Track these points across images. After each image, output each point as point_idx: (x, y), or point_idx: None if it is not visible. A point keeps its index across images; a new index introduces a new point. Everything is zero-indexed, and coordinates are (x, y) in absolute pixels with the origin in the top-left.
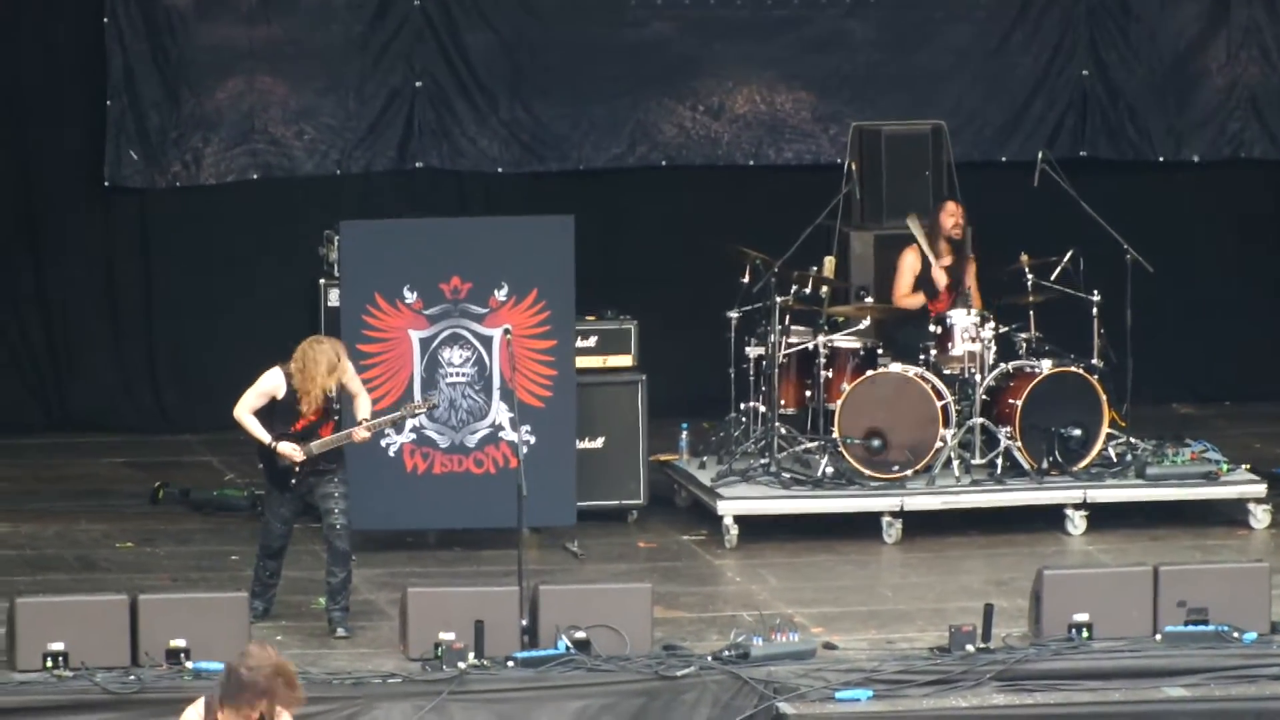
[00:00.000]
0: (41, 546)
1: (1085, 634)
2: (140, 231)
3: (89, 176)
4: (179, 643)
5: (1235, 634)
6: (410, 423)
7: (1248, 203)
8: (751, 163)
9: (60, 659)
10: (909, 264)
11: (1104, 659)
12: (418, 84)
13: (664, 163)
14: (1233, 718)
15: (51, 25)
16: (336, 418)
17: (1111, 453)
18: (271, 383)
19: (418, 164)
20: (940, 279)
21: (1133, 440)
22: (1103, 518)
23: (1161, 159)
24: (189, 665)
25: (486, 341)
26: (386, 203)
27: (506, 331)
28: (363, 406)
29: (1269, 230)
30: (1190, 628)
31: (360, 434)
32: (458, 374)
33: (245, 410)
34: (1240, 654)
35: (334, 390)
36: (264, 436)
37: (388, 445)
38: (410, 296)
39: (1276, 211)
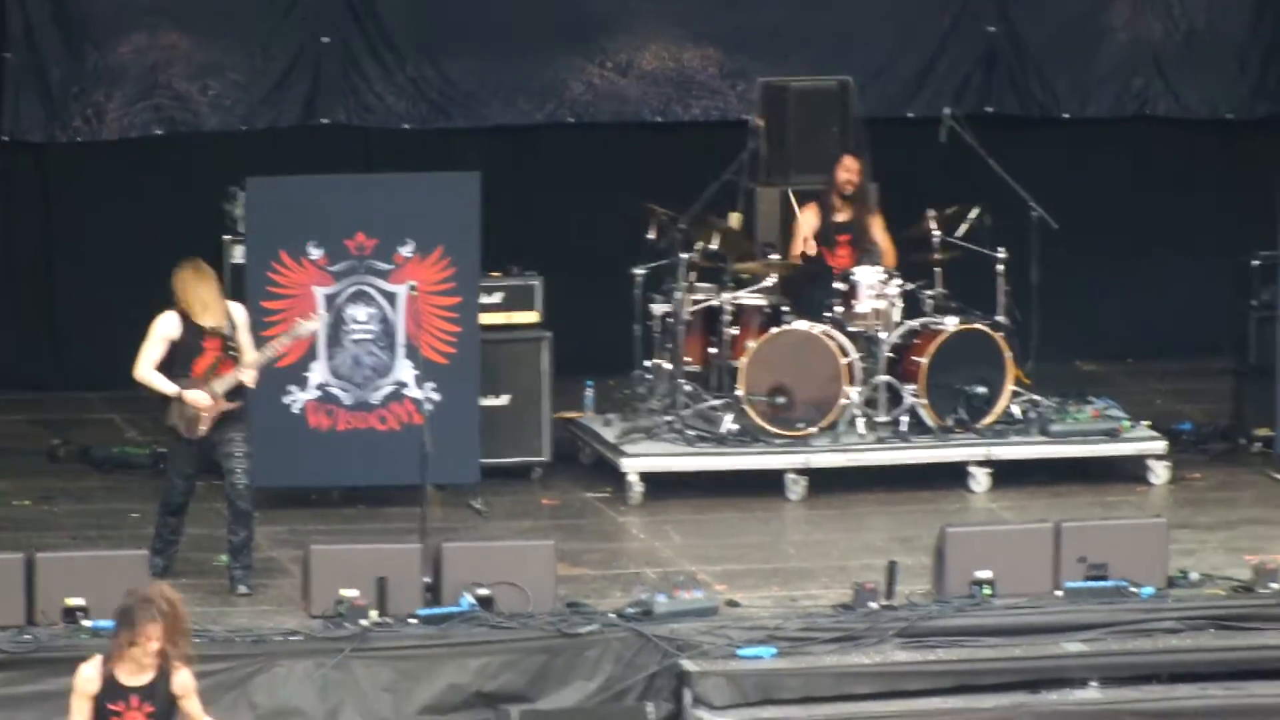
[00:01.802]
0: None
1: (987, 591)
2: (41, 187)
3: None
4: (76, 601)
5: (1134, 589)
6: (314, 379)
7: (1152, 160)
8: (659, 119)
9: None
10: (807, 220)
11: (1005, 615)
12: (324, 40)
13: (571, 120)
14: (1129, 671)
15: None
16: (233, 355)
17: (1015, 410)
18: (165, 326)
19: (324, 120)
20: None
21: (1036, 398)
22: (1006, 475)
23: (1067, 115)
24: (86, 624)
25: (391, 298)
26: (292, 159)
27: (411, 288)
28: (248, 358)
29: (1173, 188)
30: (1090, 583)
31: (247, 375)
32: (362, 330)
33: (147, 366)
34: (1138, 609)
35: (226, 322)
36: (169, 388)
37: (291, 403)
38: (315, 253)
39: (1180, 169)
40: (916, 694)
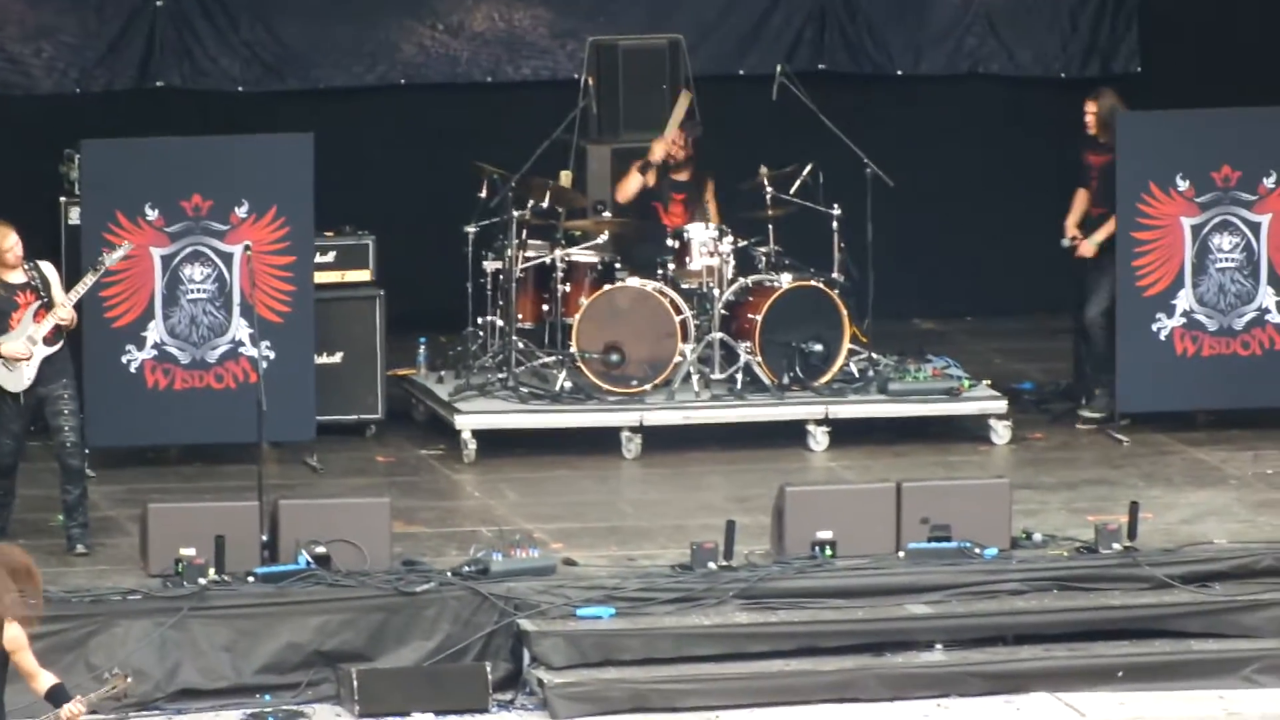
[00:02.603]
0: None
1: (829, 551)
2: None
3: None
4: None
5: (977, 550)
6: (151, 338)
7: (986, 118)
8: (490, 79)
9: None
10: (636, 177)
11: (848, 577)
12: (158, 3)
13: (403, 81)
14: (973, 633)
15: None
16: (45, 304)
17: (853, 368)
18: None
19: (159, 83)
20: (658, 151)
21: (874, 356)
22: (845, 434)
23: (900, 73)
24: None
25: (227, 258)
26: (128, 121)
27: (246, 248)
28: (59, 298)
29: (1007, 145)
30: (933, 544)
31: (63, 312)
32: (199, 290)
33: None
34: (982, 570)
35: (34, 276)
36: None
37: (129, 362)
38: (152, 214)
39: (1014, 127)
40: (759, 656)
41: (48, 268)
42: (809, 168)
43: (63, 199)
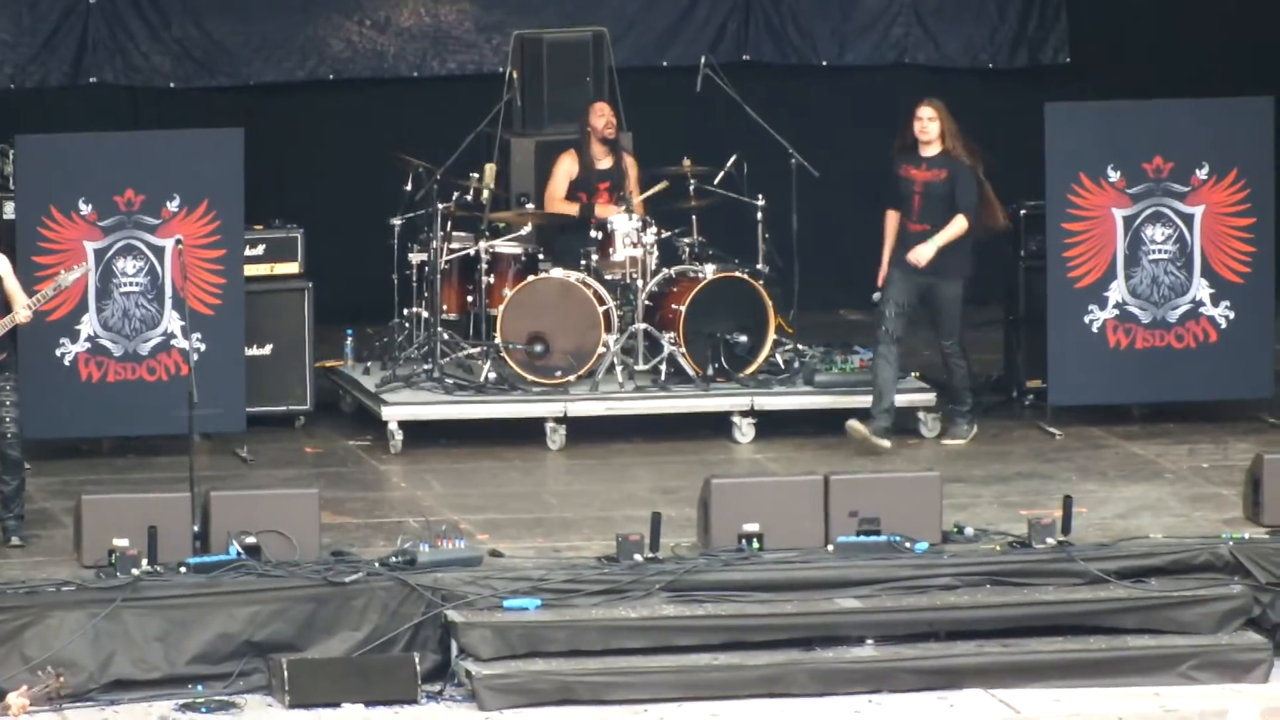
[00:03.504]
0: None
1: (756, 544)
2: None
3: None
4: None
5: (907, 544)
6: (84, 331)
7: (912, 107)
8: (416, 74)
9: None
10: (564, 169)
11: (775, 570)
12: (91, 0)
13: (331, 76)
14: (905, 628)
15: None
16: None
17: (779, 359)
18: None
19: (92, 79)
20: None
21: (800, 347)
22: (771, 426)
23: (825, 63)
24: None
25: (159, 252)
26: (62, 117)
27: (178, 242)
28: (20, 302)
29: None
30: (862, 538)
31: (23, 314)
32: (131, 283)
33: None
34: (912, 564)
35: None
36: None
37: (63, 355)
38: (85, 209)
39: None
40: (687, 649)
41: (1, 261)
42: (733, 159)
43: None
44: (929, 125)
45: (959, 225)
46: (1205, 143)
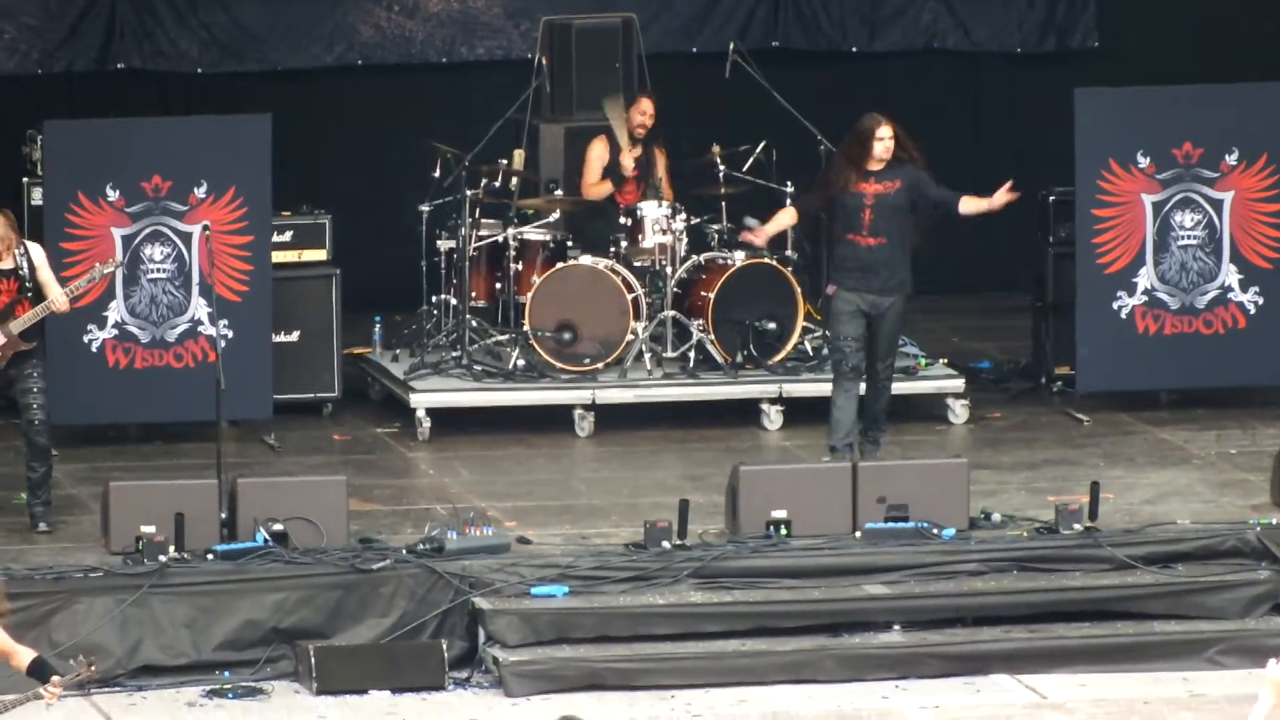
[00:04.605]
0: None
1: (784, 531)
2: None
3: None
4: None
5: (935, 530)
6: (112, 317)
7: (941, 94)
8: (445, 60)
9: None
10: (596, 154)
11: (803, 557)
12: None
13: (360, 62)
14: (932, 614)
15: None
16: (29, 295)
17: (808, 346)
18: None
19: (119, 65)
20: (628, 165)
21: (829, 334)
22: (799, 412)
23: (855, 50)
24: None
25: (186, 238)
26: (89, 103)
27: (205, 228)
28: (55, 292)
29: (961, 121)
30: (890, 525)
31: (60, 304)
32: (158, 270)
33: None
34: (939, 550)
35: (23, 263)
36: None
37: (90, 341)
38: (112, 195)
39: (972, 103)
40: (714, 636)
41: (35, 250)
42: (761, 145)
43: (25, 180)
44: (891, 144)
45: (980, 202)
46: (1235, 128)
